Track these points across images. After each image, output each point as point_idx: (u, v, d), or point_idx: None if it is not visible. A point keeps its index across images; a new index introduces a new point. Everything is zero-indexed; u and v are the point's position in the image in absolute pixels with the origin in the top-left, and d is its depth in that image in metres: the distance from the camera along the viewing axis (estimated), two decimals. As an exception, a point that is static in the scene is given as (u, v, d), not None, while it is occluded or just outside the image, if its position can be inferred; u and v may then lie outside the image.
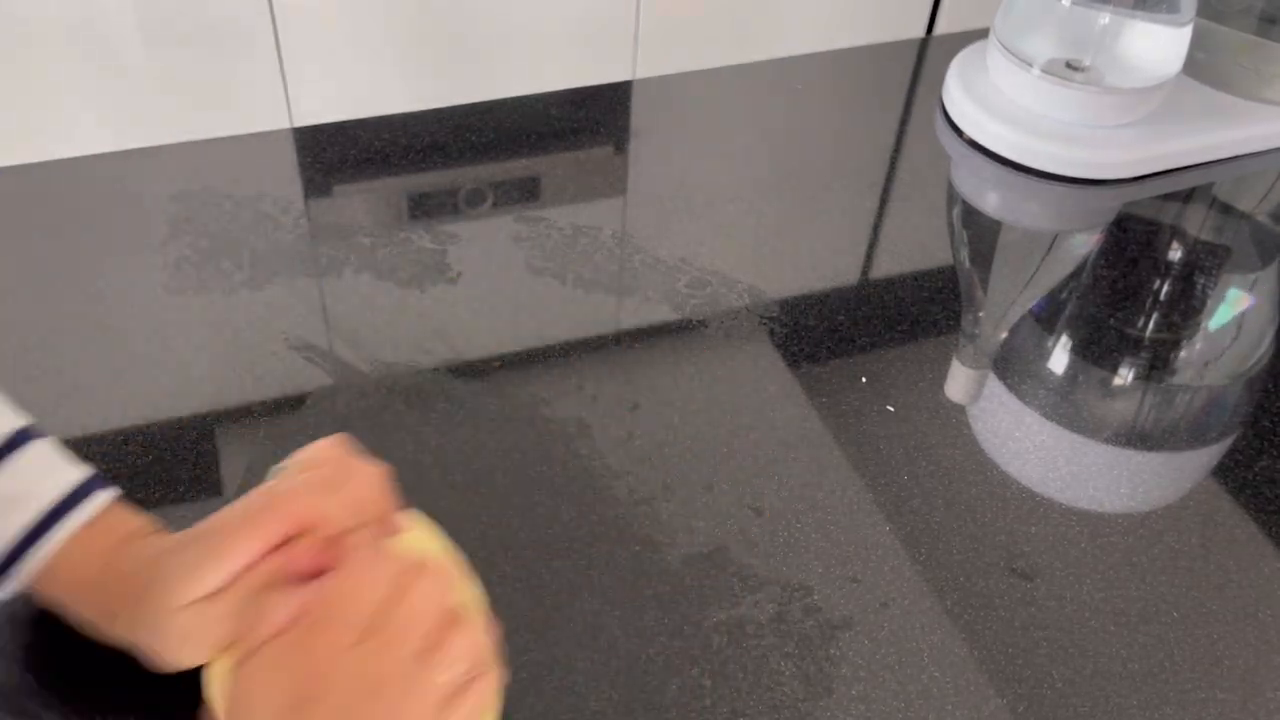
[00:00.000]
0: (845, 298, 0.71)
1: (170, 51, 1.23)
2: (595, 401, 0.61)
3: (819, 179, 0.81)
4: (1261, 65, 0.86)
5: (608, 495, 0.57)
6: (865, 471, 0.59)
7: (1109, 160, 0.80)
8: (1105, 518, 0.58)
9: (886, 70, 0.95)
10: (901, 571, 0.54)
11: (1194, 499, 0.60)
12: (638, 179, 0.79)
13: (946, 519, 0.57)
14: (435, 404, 0.61)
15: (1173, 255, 0.79)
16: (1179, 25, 0.81)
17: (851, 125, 0.88)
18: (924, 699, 0.49)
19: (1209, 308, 0.74)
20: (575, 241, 0.72)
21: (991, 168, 0.82)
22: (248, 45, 1.25)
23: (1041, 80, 0.80)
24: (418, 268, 0.69)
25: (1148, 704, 0.50)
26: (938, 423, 0.62)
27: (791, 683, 0.49)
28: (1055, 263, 0.78)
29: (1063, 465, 0.61)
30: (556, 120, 0.84)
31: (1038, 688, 0.50)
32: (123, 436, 0.58)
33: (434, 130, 0.81)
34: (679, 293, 0.69)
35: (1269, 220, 0.84)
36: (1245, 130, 0.84)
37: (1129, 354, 0.70)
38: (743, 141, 0.84)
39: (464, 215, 0.74)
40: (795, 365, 0.65)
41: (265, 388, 0.61)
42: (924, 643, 0.51)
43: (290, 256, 0.69)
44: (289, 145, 0.80)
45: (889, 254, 0.75)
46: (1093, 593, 0.54)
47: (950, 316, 0.70)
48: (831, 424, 0.61)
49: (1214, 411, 0.68)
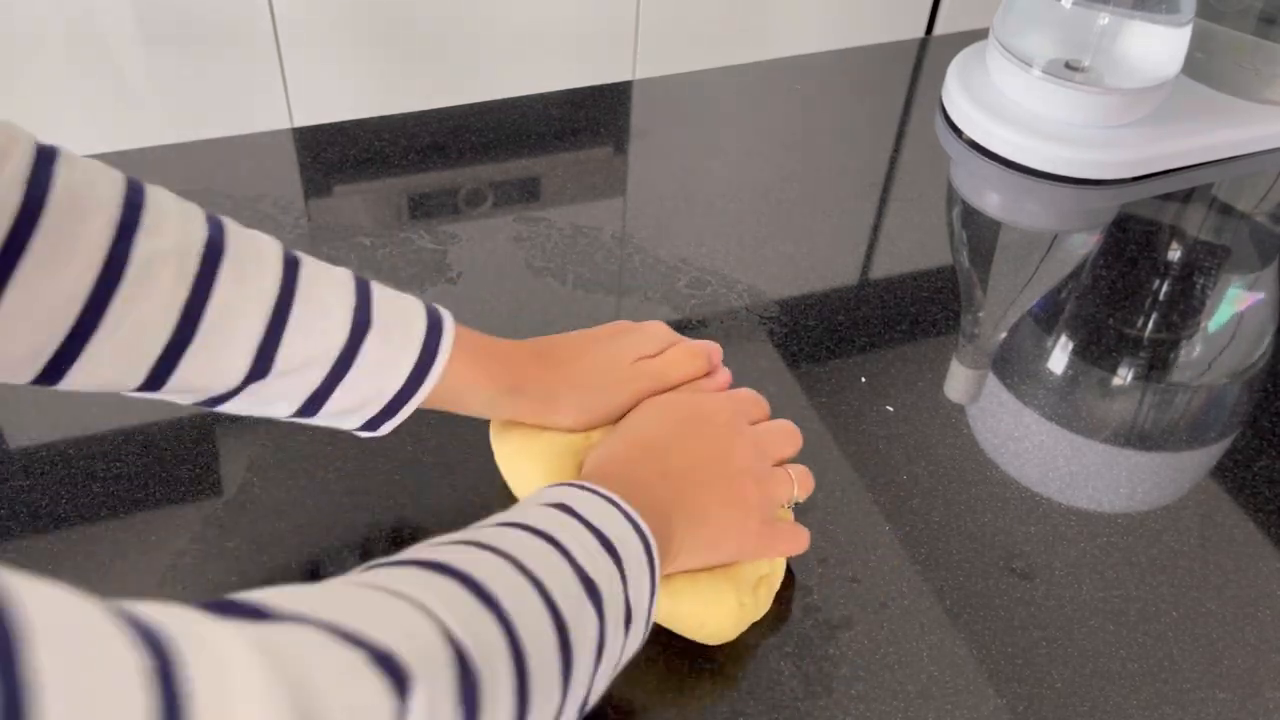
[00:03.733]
0: (845, 298, 0.71)
1: (170, 52, 1.23)
2: (595, 401, 0.61)
3: (819, 179, 0.81)
4: (1261, 65, 0.86)
5: (607, 495, 0.57)
6: (865, 471, 0.59)
7: (1109, 160, 0.80)
8: (1104, 517, 0.58)
9: (886, 70, 0.95)
10: (901, 571, 0.54)
11: (1193, 499, 0.60)
12: (638, 179, 0.79)
13: (946, 519, 0.57)
14: (435, 404, 0.61)
15: (1172, 255, 0.79)
16: (1179, 25, 0.81)
17: (851, 125, 0.88)
18: (924, 699, 0.49)
19: (1208, 308, 0.74)
20: (575, 241, 0.72)
21: (991, 168, 0.82)
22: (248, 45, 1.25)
23: (1041, 80, 0.80)
24: (418, 268, 0.69)
25: (1148, 704, 0.50)
26: (938, 423, 0.62)
27: (791, 682, 0.49)
28: (1055, 263, 0.78)
29: (1062, 465, 0.61)
30: (556, 120, 0.84)
31: (1037, 687, 0.50)
32: (123, 436, 0.58)
33: (434, 130, 0.81)
34: (679, 293, 0.69)
35: (1269, 220, 0.84)
36: (1245, 130, 0.84)
37: (1129, 354, 0.70)
38: (743, 141, 0.84)
39: (464, 215, 0.74)
40: (795, 365, 0.65)
41: (265, 388, 0.61)
42: (924, 643, 0.51)
43: (290, 256, 0.69)
44: (289, 145, 0.80)
45: (889, 254, 0.75)
46: (1092, 592, 0.54)
47: (950, 316, 0.70)
48: (831, 424, 0.61)
49: (1213, 411, 0.68)
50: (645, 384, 0.54)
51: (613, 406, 0.53)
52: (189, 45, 1.23)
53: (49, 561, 0.52)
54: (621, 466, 0.49)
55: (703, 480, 0.49)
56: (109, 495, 0.55)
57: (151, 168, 0.76)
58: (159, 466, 0.57)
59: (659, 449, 0.50)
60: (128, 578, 0.52)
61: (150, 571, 0.52)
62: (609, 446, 0.51)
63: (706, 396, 0.54)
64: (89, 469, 0.56)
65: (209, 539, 0.53)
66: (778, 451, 0.53)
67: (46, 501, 0.55)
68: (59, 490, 0.55)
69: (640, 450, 0.50)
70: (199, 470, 0.57)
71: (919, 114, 0.89)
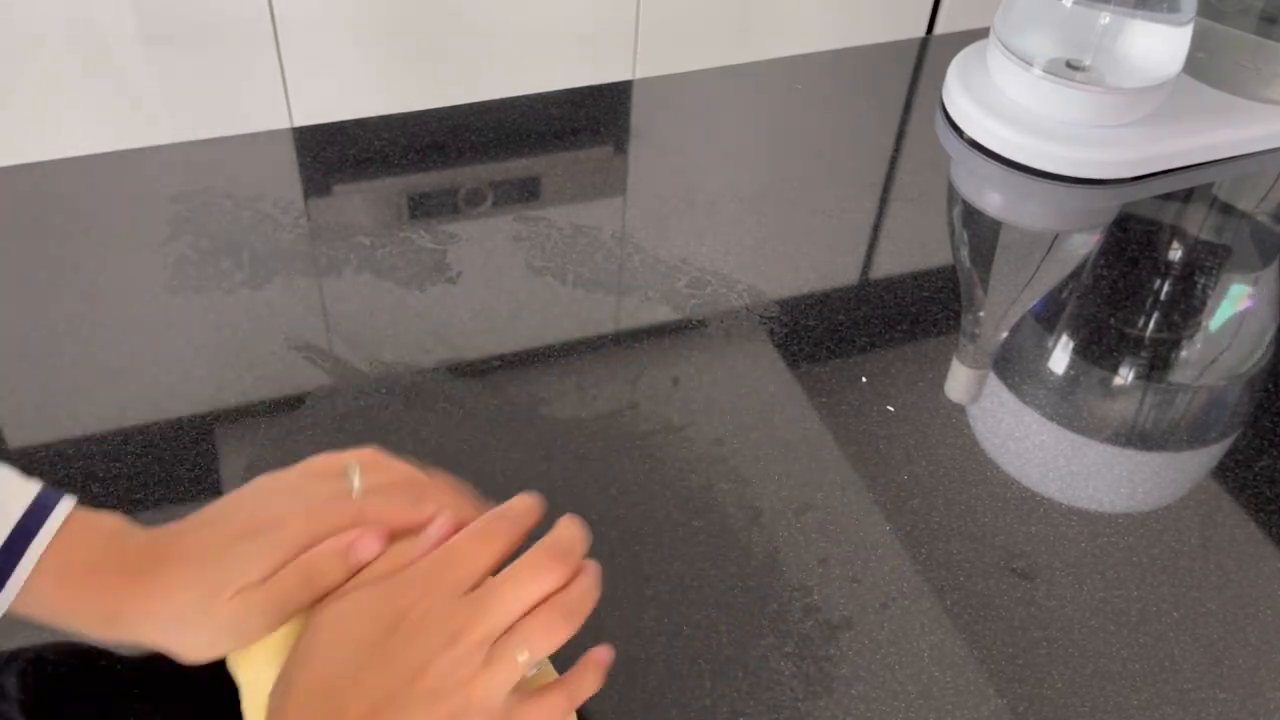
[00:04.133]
0: (845, 298, 0.70)
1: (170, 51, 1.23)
2: (595, 401, 0.61)
3: (819, 179, 0.81)
4: (1261, 65, 0.86)
5: (606, 495, 0.57)
6: (865, 471, 0.59)
7: (1109, 160, 0.80)
8: (1105, 517, 0.58)
9: (886, 70, 0.95)
10: (901, 571, 0.54)
11: (1194, 499, 0.60)
12: (638, 179, 0.79)
13: (946, 519, 0.57)
14: (435, 404, 0.61)
15: (1173, 255, 0.79)
16: (1179, 25, 0.81)
17: (851, 125, 0.88)
18: (924, 699, 0.49)
19: (1209, 308, 0.74)
20: (575, 241, 0.72)
21: (991, 168, 0.82)
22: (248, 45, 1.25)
23: (1042, 80, 0.80)
24: (418, 268, 0.69)
25: (1148, 704, 0.50)
26: (938, 423, 0.62)
27: (791, 682, 0.49)
28: (1055, 263, 0.78)
29: (1062, 465, 0.61)
30: (556, 120, 0.84)
31: (1038, 687, 0.50)
32: (123, 436, 0.58)
33: (434, 130, 0.81)
34: (679, 293, 0.69)
35: (1269, 220, 0.84)
36: (1245, 130, 0.84)
37: (1129, 354, 0.70)
38: (743, 141, 0.84)
39: (464, 215, 0.74)
40: (795, 365, 0.65)
41: (265, 388, 0.61)
42: (924, 643, 0.51)
43: (290, 256, 0.69)
44: (289, 145, 0.80)
45: (889, 254, 0.75)
46: (1092, 592, 0.54)
47: (950, 316, 0.70)
48: (831, 424, 0.61)
49: (1214, 411, 0.68)
50: (296, 595, 0.42)
51: (260, 631, 0.43)
52: (189, 45, 1.23)
53: (49, 562, 0.52)
54: (297, 717, 0.40)
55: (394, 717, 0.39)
56: (109, 495, 0.55)
57: (152, 168, 0.76)
58: (159, 466, 0.57)
59: (335, 690, 0.40)
60: (127, 578, 0.52)
61: (150, 572, 0.52)
62: (281, 688, 0.41)
63: (392, 590, 0.42)
64: (89, 469, 0.56)
65: (209, 539, 0.53)
66: (513, 606, 0.41)
67: (46, 502, 0.55)
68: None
69: (314, 695, 0.40)
70: (199, 470, 0.57)
71: (919, 114, 0.89)
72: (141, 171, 0.76)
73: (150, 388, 0.61)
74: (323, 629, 0.41)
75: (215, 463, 0.57)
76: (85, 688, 0.48)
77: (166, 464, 0.57)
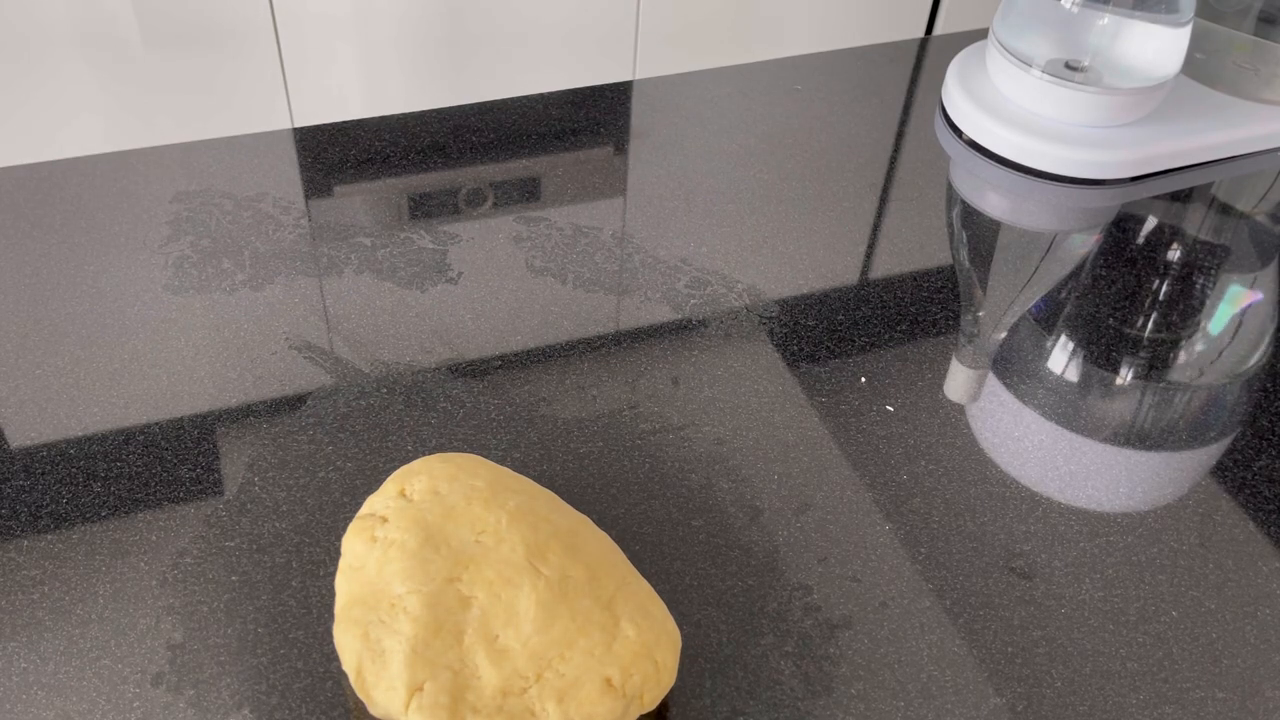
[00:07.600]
0: (845, 298, 0.71)
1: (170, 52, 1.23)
2: (595, 401, 0.62)
3: (819, 179, 0.81)
4: (1261, 65, 0.86)
5: (606, 495, 0.57)
6: (865, 471, 0.59)
7: (1109, 160, 0.80)
8: (1104, 517, 0.58)
9: (886, 70, 0.95)
10: (901, 571, 0.54)
11: (1193, 498, 0.60)
12: (638, 179, 0.79)
13: (946, 519, 0.57)
14: (435, 404, 0.61)
15: (1172, 255, 0.79)
16: (1178, 25, 0.81)
17: (851, 125, 0.88)
18: (924, 698, 0.49)
19: (1208, 307, 0.74)
20: (575, 241, 0.72)
21: (991, 168, 0.82)
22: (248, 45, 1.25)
23: (1041, 80, 0.80)
24: (418, 268, 0.69)
25: (1147, 703, 0.50)
26: (938, 423, 0.62)
27: (791, 682, 0.49)
28: (1055, 263, 0.78)
29: (1062, 465, 0.61)
30: (556, 120, 0.84)
31: (1037, 687, 0.50)
32: (123, 436, 0.58)
33: (434, 130, 0.81)
34: (679, 293, 0.69)
35: (1269, 220, 0.84)
36: (1245, 130, 0.85)
37: (1129, 354, 0.70)
38: (743, 141, 0.84)
39: (464, 215, 0.74)
40: (795, 365, 0.65)
41: (265, 388, 0.61)
42: (923, 642, 0.51)
43: (290, 256, 0.69)
44: (289, 145, 0.80)
45: (889, 254, 0.75)
46: (1092, 592, 0.54)
47: (950, 316, 0.70)
48: (831, 424, 0.61)
49: (1213, 411, 0.68)
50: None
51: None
52: (189, 45, 1.23)
53: (49, 561, 0.52)
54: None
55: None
56: (109, 495, 0.55)
57: (152, 168, 0.76)
58: (159, 466, 0.57)
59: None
60: (128, 578, 0.52)
61: (151, 572, 0.52)
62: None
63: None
64: (89, 469, 0.56)
65: (209, 539, 0.53)
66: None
67: (46, 501, 0.55)
68: (59, 490, 0.55)
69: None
70: (199, 470, 0.57)
71: (919, 114, 0.89)
72: (141, 171, 0.76)
73: (151, 388, 0.61)
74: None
75: (216, 462, 0.57)
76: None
77: (167, 464, 0.57)
